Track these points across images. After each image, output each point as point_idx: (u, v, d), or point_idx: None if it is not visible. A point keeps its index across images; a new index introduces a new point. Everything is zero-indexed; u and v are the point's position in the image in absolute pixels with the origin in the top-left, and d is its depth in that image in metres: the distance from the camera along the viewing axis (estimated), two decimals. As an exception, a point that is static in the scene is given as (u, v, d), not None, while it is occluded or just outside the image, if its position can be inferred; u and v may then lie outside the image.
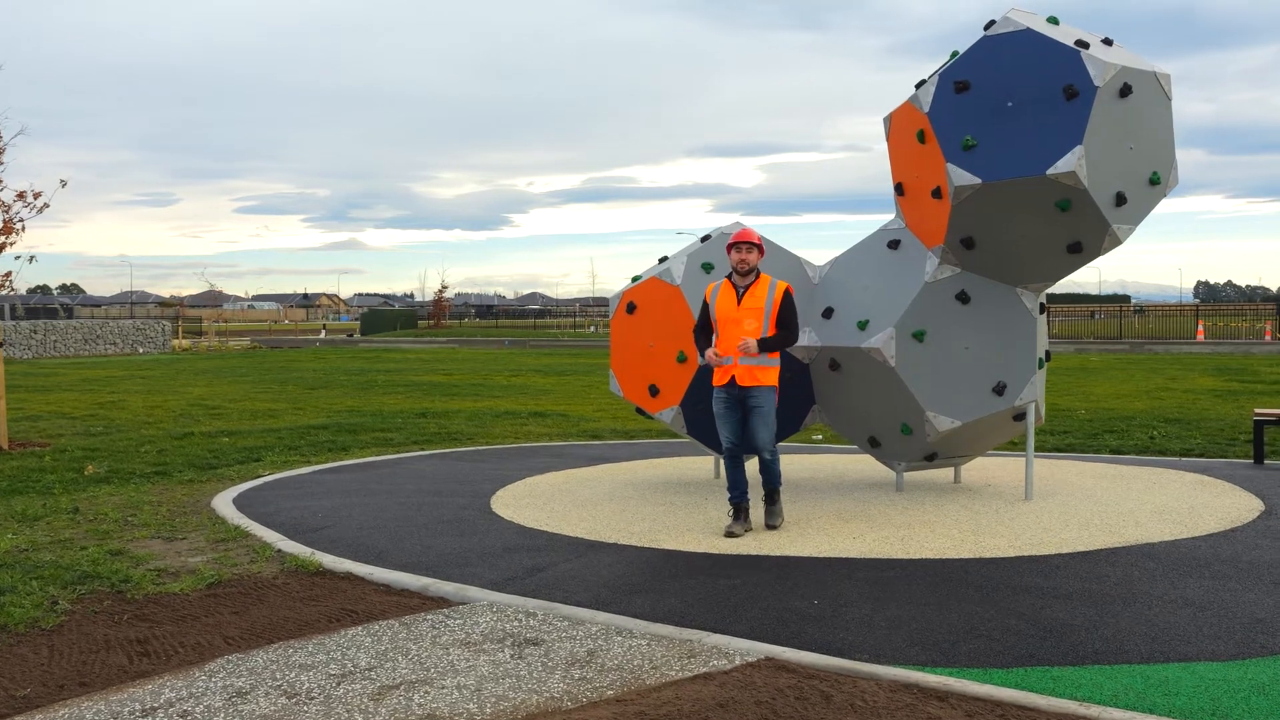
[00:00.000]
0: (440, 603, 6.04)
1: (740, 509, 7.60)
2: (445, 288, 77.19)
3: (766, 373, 7.48)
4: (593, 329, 74.07)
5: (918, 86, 8.28)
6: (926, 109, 8.00)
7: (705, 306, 7.77)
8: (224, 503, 9.08)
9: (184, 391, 21.45)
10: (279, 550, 7.28)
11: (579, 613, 5.71)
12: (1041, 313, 8.66)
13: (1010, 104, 7.76)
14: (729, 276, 7.67)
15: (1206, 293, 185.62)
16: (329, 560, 6.93)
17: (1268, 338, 39.98)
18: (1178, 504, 8.34)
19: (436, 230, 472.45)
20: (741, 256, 7.57)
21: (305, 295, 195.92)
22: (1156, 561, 6.53)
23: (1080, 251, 8.03)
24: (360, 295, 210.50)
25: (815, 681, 4.68)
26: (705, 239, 9.37)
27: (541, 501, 8.95)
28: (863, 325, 8.56)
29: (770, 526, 7.63)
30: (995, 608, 5.63)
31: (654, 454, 12.05)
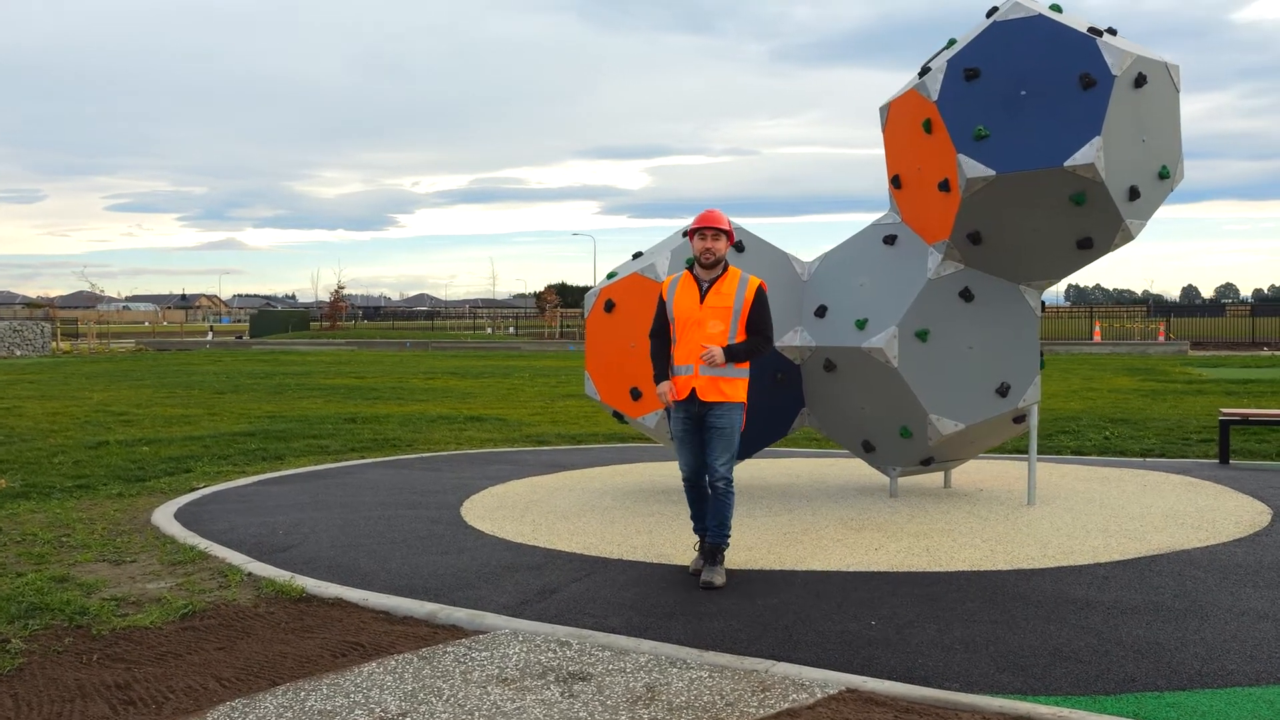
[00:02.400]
0: (454, 632, 5.42)
1: (705, 544, 6.32)
2: (342, 288, 75.24)
3: (734, 385, 6.17)
4: (490, 330, 73.02)
5: (921, 74, 7.91)
6: (935, 97, 7.63)
7: (661, 305, 6.40)
8: (165, 519, 8.25)
9: (81, 397, 20.12)
10: (249, 573, 6.55)
11: (619, 640, 5.15)
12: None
13: (1024, 92, 7.43)
14: (689, 268, 6.38)
15: (1076, 296, 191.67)
16: (311, 584, 6.23)
17: (1161, 339, 41.18)
18: (1184, 507, 8.13)
19: (319, 230, 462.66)
20: (706, 246, 6.21)
21: (184, 296, 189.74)
22: (1202, 570, 6.25)
23: (1090, 247, 7.76)
24: (241, 296, 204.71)
25: (914, 717, 4.22)
26: (686, 234, 8.85)
27: (517, 513, 8.35)
28: (861, 324, 8.16)
29: (707, 585, 5.99)
30: (1066, 625, 5.25)
31: (612, 460, 11.50)
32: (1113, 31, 7.72)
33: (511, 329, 74.16)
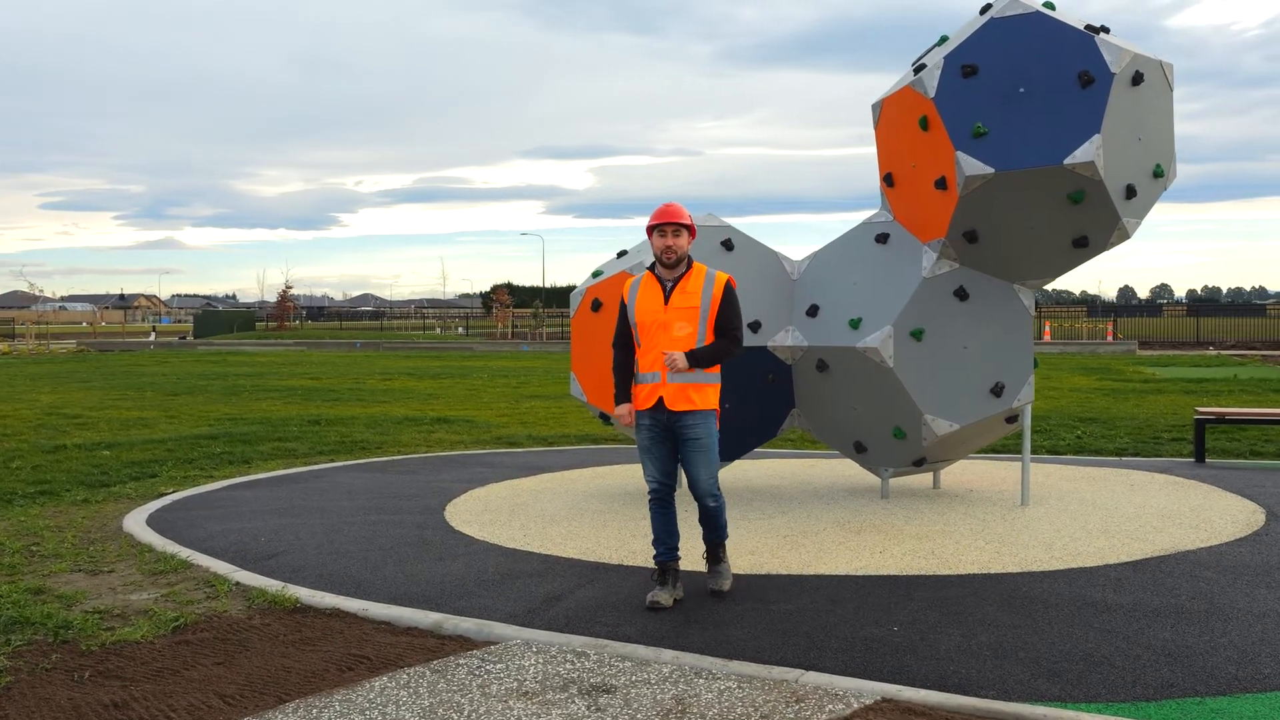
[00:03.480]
0: (463, 643, 5.22)
1: (668, 570, 5.78)
2: (289, 288, 74.17)
3: (704, 393, 5.71)
4: (439, 330, 72.42)
5: (916, 70, 7.83)
6: (932, 94, 7.54)
7: (623, 310, 5.91)
8: (138, 526, 7.95)
9: (29, 399, 19.52)
10: (237, 583, 6.29)
11: (637, 650, 4.98)
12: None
13: (1022, 90, 7.37)
14: (651, 268, 5.87)
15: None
16: (305, 594, 5.99)
17: (1110, 339, 41.75)
18: (1177, 507, 8.12)
19: (260, 229, 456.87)
20: (666, 243, 5.69)
21: (122, 296, 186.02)
22: (1212, 571, 6.21)
23: (1086, 246, 7.71)
24: (180, 296, 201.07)
25: (957, 726, 4.10)
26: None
27: (503, 517, 8.15)
28: (855, 324, 8.05)
29: (715, 591, 5.85)
30: (1091, 629, 5.16)
31: (589, 461, 11.32)
32: (1106, 30, 7.69)
33: (461, 329, 73.63)
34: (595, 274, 8.96)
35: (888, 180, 8.28)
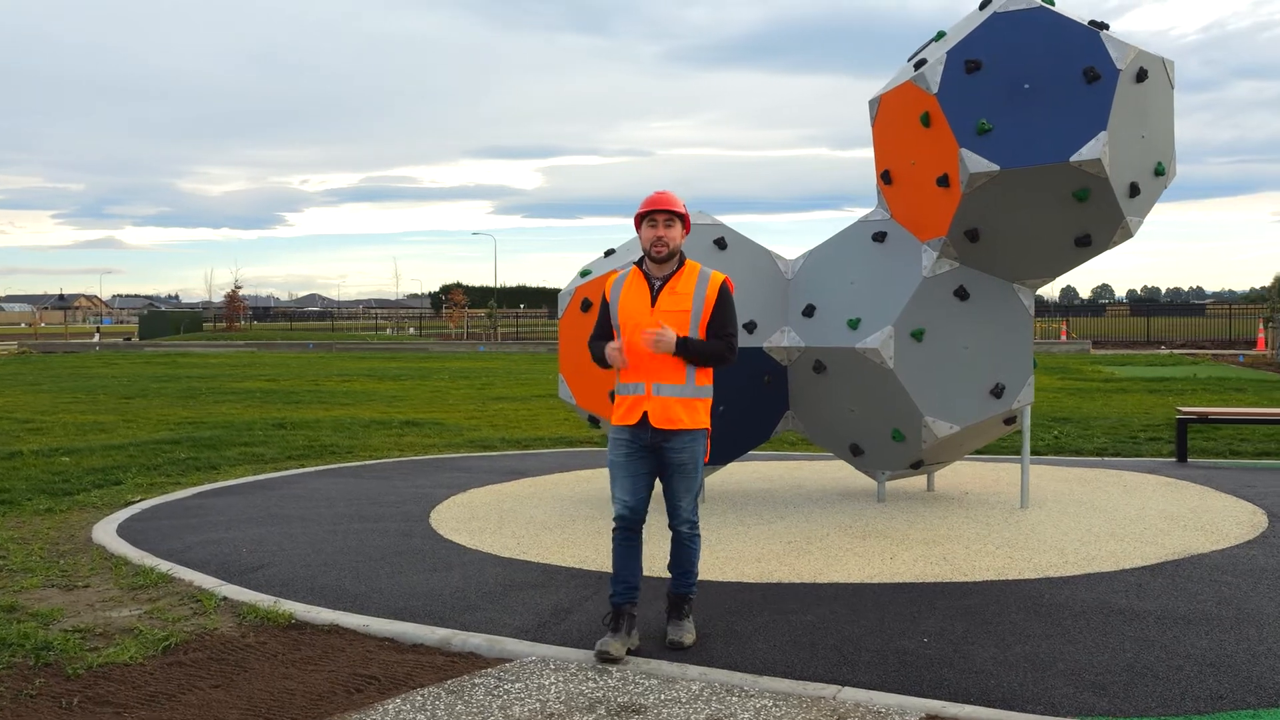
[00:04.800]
0: (474, 660, 4.96)
1: (622, 615, 4.95)
2: (239, 288, 73.05)
3: (694, 409, 4.98)
4: (390, 331, 71.73)
5: (916, 66, 7.67)
6: (935, 90, 7.38)
7: (604, 308, 5.25)
8: (108, 537, 7.59)
9: (-25, 403, 18.88)
10: (224, 598, 5.98)
11: (663, 666, 4.75)
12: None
13: (1027, 86, 7.23)
14: (638, 263, 5.22)
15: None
16: (300, 609, 5.69)
17: (1063, 338, 42.15)
18: (1177, 509, 8.04)
19: (203, 229, 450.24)
20: (658, 234, 4.99)
21: (61, 296, 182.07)
22: (1231, 575, 6.10)
23: (1089, 245, 7.60)
24: (121, 297, 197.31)
25: (1010, 745, 3.92)
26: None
27: (492, 524, 7.89)
28: (854, 324, 7.88)
29: (674, 645, 4.94)
30: (1125, 638, 5.02)
31: (569, 465, 11.07)
32: (1105, 26, 7.58)
33: (412, 329, 72.95)
34: (583, 273, 8.72)
35: (885, 178, 8.12)
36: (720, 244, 8.34)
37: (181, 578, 6.41)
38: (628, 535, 5.05)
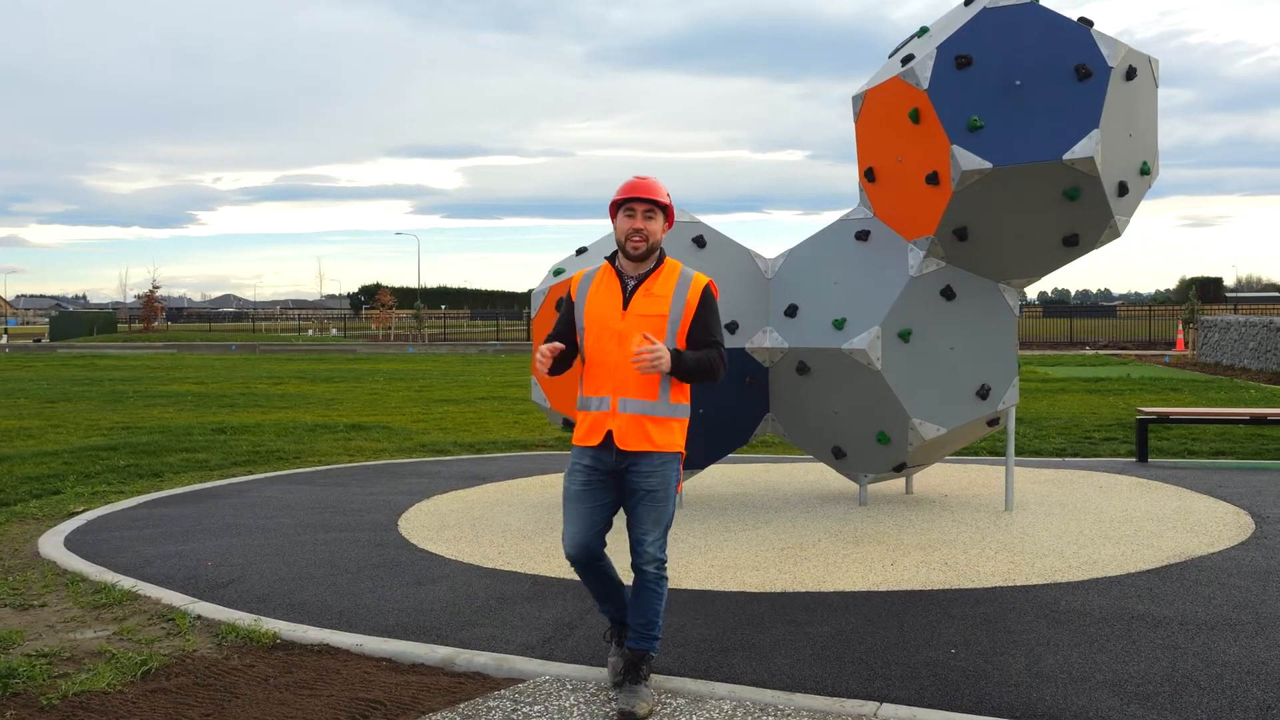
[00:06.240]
0: (483, 681, 4.67)
1: (623, 626, 4.59)
2: (157, 288, 71.02)
3: (668, 429, 4.33)
4: (311, 332, 70.45)
5: (904, 62, 7.52)
6: (925, 85, 7.24)
7: (568, 308, 4.54)
8: (57, 550, 7.13)
9: (-113, 408, 17.94)
10: (198, 616, 5.59)
11: (687, 684, 4.51)
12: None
13: (1018, 82, 7.13)
14: (610, 260, 4.52)
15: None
16: (284, 627, 5.34)
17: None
18: (1160, 510, 8.00)
19: (112, 227, 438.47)
20: (634, 225, 4.33)
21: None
22: (1238, 578, 6.03)
23: (1076, 244, 7.52)
24: (25, 297, 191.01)
25: (1070, 763, 3.74)
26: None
27: (466, 533, 7.57)
28: (839, 324, 7.71)
29: (627, 713, 4.16)
30: (1154, 646, 4.89)
31: (530, 470, 10.77)
32: (1090, 23, 7.52)
33: (334, 330, 71.71)
34: (556, 272, 8.45)
35: (869, 175, 7.96)
36: (699, 242, 8.12)
37: (147, 594, 6.00)
38: (588, 569, 4.41)
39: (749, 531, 7.45)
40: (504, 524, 7.89)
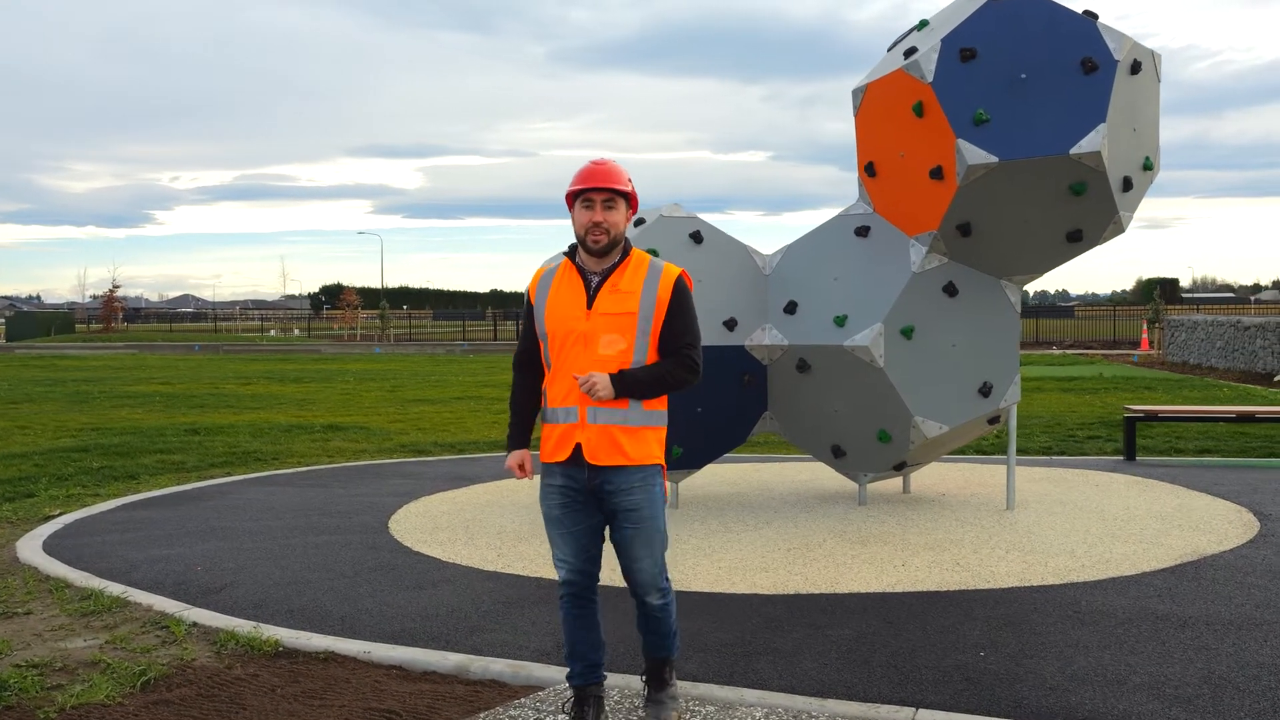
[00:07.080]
0: (501, 689, 4.50)
1: (587, 700, 4.03)
2: (118, 287, 69.90)
3: (641, 439, 3.89)
4: (274, 332, 69.73)
5: (906, 55, 7.42)
6: (929, 78, 7.13)
7: (529, 312, 4.06)
8: (37, 555, 6.88)
9: None
10: (194, 623, 5.38)
11: (715, 691, 4.36)
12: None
13: (1024, 76, 7.04)
14: (570, 255, 4.02)
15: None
16: (286, 634, 5.14)
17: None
18: (1161, 508, 7.95)
19: (66, 226, 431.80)
20: (594, 218, 3.85)
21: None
22: (1254, 576, 5.97)
23: (1080, 240, 7.45)
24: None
25: (1121, 769, 3.63)
26: (638, 223, 8.06)
27: (461, 535, 7.39)
28: (841, 321, 7.60)
29: None
30: (1186, 647, 4.79)
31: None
32: (1095, 16, 7.45)
33: (297, 330, 71.03)
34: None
35: (869, 170, 7.85)
36: (696, 238, 7.98)
37: (137, 601, 5.77)
38: (578, 603, 4.00)
39: (751, 532, 7.32)
40: (498, 526, 7.71)
